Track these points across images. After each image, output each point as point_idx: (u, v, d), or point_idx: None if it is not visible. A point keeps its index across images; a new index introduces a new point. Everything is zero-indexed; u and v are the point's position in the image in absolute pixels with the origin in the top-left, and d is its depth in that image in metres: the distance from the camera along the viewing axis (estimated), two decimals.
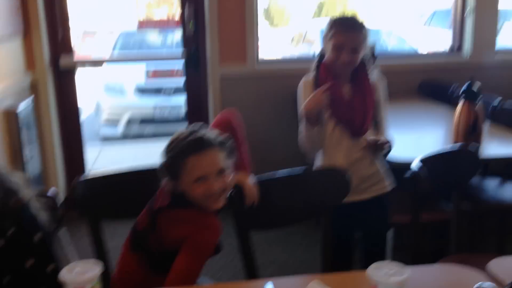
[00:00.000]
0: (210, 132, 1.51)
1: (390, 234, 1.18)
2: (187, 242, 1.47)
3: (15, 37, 3.12)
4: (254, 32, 3.53)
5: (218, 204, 1.50)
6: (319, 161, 2.14)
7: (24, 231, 1.34)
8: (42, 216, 1.40)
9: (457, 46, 3.91)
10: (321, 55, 2.11)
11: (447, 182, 2.01)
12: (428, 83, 3.71)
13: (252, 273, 1.74)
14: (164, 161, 1.49)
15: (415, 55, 4.06)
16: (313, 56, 2.49)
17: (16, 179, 1.39)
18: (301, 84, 2.16)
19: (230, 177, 1.53)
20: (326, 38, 2.04)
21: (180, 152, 1.45)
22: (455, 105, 2.49)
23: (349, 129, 2.04)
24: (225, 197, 1.51)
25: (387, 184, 2.14)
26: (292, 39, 6.95)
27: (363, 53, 2.03)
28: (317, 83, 2.06)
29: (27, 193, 1.38)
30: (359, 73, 2.06)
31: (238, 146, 1.69)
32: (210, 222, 1.51)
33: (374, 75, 2.11)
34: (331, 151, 2.09)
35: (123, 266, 1.62)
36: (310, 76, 2.13)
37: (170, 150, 1.48)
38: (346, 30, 1.99)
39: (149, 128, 5.97)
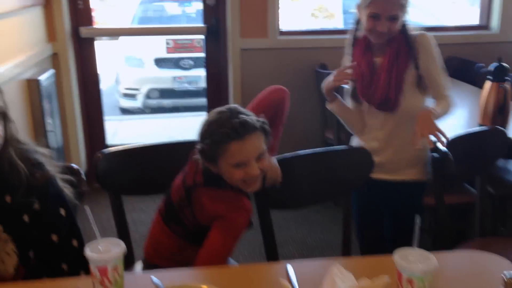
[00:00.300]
0: (250, 115, 1.47)
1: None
2: (221, 221, 1.48)
3: (35, 7, 3.10)
4: (275, 3, 3.47)
5: (255, 187, 1.50)
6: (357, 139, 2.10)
7: (49, 206, 1.35)
8: (67, 191, 1.40)
9: (485, 23, 3.80)
10: (356, 25, 2.03)
11: (472, 164, 1.98)
12: (453, 60, 3.63)
13: (271, 251, 1.73)
14: (204, 145, 1.45)
15: (441, 29, 3.94)
16: (335, 28, 2.45)
17: (41, 152, 1.39)
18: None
19: (267, 160, 1.51)
20: (360, 7, 1.92)
21: (223, 136, 1.41)
22: (480, 84, 2.43)
23: (373, 104, 1.97)
24: (261, 179, 1.50)
25: (425, 171, 2.03)
26: (312, 13, 6.83)
27: (402, 19, 1.91)
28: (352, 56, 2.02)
29: (52, 167, 1.38)
30: (394, 41, 1.93)
31: (277, 128, 1.67)
32: (243, 203, 1.51)
33: (417, 36, 1.95)
34: (368, 127, 2.04)
35: (156, 235, 1.63)
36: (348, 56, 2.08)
37: (210, 134, 1.44)
38: None
39: (168, 101, 5.97)
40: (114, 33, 4.33)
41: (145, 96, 5.96)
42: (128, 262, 1.65)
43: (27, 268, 1.34)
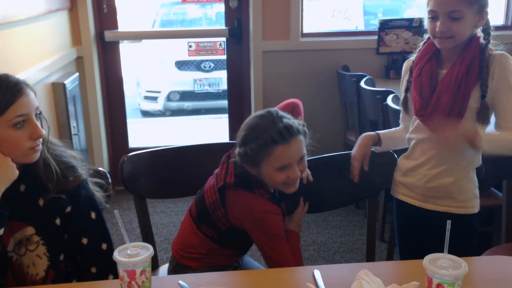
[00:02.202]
0: (291, 118, 1.51)
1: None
2: (260, 230, 1.51)
3: (61, 12, 3.15)
4: (298, 5, 3.46)
5: (294, 188, 1.52)
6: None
7: (81, 210, 1.36)
8: (97, 194, 1.42)
9: (510, 23, 3.74)
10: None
11: (499, 168, 1.94)
12: None
13: None
14: (247, 149, 1.46)
15: None
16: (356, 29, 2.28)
17: (73, 155, 1.41)
18: (405, 62, 1.81)
19: (306, 162, 1.54)
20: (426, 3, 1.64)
21: (269, 141, 1.43)
22: None
23: (428, 126, 1.66)
24: (298, 184, 1.53)
25: (468, 205, 1.70)
26: (333, 14, 6.80)
27: (474, 22, 1.58)
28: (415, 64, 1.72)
29: (84, 170, 1.39)
30: (468, 54, 1.59)
31: None
32: (273, 207, 1.52)
33: (495, 56, 1.59)
34: (411, 140, 1.75)
35: (186, 237, 1.64)
36: (413, 55, 1.77)
37: (255, 138, 1.45)
38: None
39: (188, 103, 6.00)
40: (138, 37, 4.37)
41: (166, 99, 6.00)
42: (152, 265, 1.67)
43: (57, 271, 1.36)
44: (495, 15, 3.92)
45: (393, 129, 1.87)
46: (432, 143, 1.67)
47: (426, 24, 1.63)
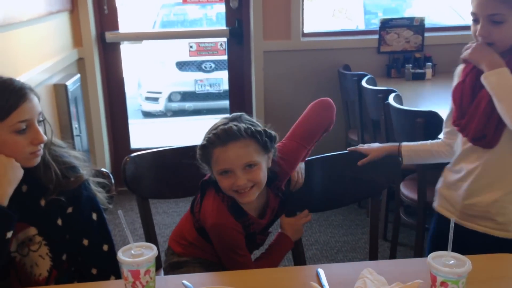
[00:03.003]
0: (248, 122, 1.43)
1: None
2: (215, 237, 1.47)
3: (62, 13, 3.16)
4: (299, 5, 3.47)
5: (247, 199, 1.43)
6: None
7: (82, 211, 1.37)
8: (99, 195, 1.42)
9: None
10: None
11: None
12: None
13: (299, 253, 1.73)
14: (198, 149, 1.45)
15: (467, 28, 3.88)
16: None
17: (75, 156, 1.41)
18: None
19: (263, 172, 1.43)
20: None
21: (208, 142, 1.40)
22: None
23: (465, 134, 1.58)
24: (256, 192, 1.43)
25: (510, 228, 1.57)
26: (333, 14, 6.79)
27: None
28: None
29: (86, 170, 1.40)
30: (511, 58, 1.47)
31: (315, 143, 1.65)
32: (227, 220, 1.45)
33: None
34: (457, 152, 1.65)
35: (183, 219, 1.63)
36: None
37: (204, 138, 1.44)
38: None
39: (189, 104, 6.00)
40: (138, 37, 4.37)
41: (167, 99, 6.01)
42: (156, 265, 1.66)
43: (60, 271, 1.36)
44: None
45: (427, 142, 1.79)
46: (476, 156, 1.57)
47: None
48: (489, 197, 1.56)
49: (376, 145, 1.77)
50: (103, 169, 1.62)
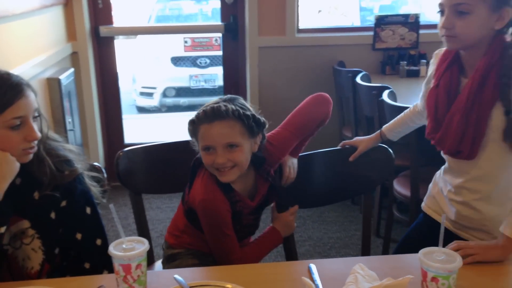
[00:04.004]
0: (239, 105, 1.46)
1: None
2: (203, 215, 1.47)
3: (56, 7, 3.14)
4: (294, 0, 3.46)
5: (226, 178, 1.45)
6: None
7: (76, 204, 1.36)
8: (93, 189, 1.41)
9: None
10: None
11: None
12: None
13: (291, 249, 1.73)
14: (188, 123, 1.49)
15: None
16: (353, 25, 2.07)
17: (70, 149, 1.40)
18: (434, 53, 1.57)
19: (245, 154, 1.45)
20: None
21: (196, 118, 1.45)
22: None
23: (441, 148, 1.49)
24: (236, 173, 1.45)
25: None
26: (329, 11, 6.79)
27: (489, 22, 1.33)
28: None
29: (81, 164, 1.39)
30: (486, 59, 1.35)
31: (308, 137, 1.67)
32: (214, 195, 1.46)
33: None
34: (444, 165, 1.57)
35: (177, 213, 1.64)
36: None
37: (195, 115, 1.49)
38: None
39: (184, 99, 5.99)
40: (133, 32, 4.36)
41: (162, 95, 5.99)
42: (148, 260, 1.67)
43: (52, 265, 1.36)
44: None
45: (401, 114, 1.76)
46: (460, 168, 1.48)
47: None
48: (484, 211, 1.46)
49: (361, 138, 1.78)
50: (95, 163, 1.61)
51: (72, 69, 3.23)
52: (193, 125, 1.46)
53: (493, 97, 1.34)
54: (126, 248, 1.11)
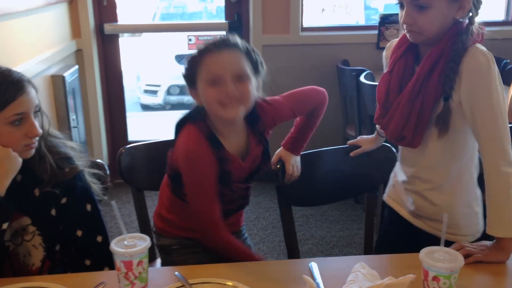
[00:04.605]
0: (241, 40, 1.39)
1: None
2: (186, 169, 1.39)
3: (61, 4, 3.14)
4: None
5: (232, 112, 1.35)
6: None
7: (76, 201, 1.36)
8: (94, 186, 1.42)
9: (510, 19, 3.74)
10: None
11: None
12: None
13: (293, 247, 1.73)
14: (185, 64, 1.40)
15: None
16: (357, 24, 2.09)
17: (71, 146, 1.40)
18: (388, 44, 1.58)
19: (252, 89, 1.37)
20: None
21: (200, 50, 1.36)
22: (507, 81, 2.38)
23: (386, 134, 1.50)
24: (242, 109, 1.36)
25: (459, 233, 1.43)
26: (333, 9, 6.78)
27: (450, 12, 1.31)
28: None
29: (81, 161, 1.39)
30: (436, 49, 1.33)
31: (308, 132, 1.65)
32: (200, 148, 1.37)
33: (465, 54, 1.30)
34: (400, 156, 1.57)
35: (162, 189, 1.61)
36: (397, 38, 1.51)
37: (197, 49, 1.39)
38: None
39: (188, 97, 5.99)
40: (137, 30, 4.37)
41: (166, 92, 6.00)
42: (150, 257, 1.67)
43: (53, 262, 1.36)
44: (495, 11, 3.91)
45: None
46: (410, 157, 1.48)
47: None
48: (436, 200, 1.44)
49: (366, 137, 1.76)
50: (98, 160, 1.61)
51: (76, 67, 3.24)
52: (194, 60, 1.36)
53: (438, 85, 1.32)
54: (128, 244, 1.12)
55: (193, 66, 1.37)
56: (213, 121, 1.43)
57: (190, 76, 1.40)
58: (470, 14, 1.33)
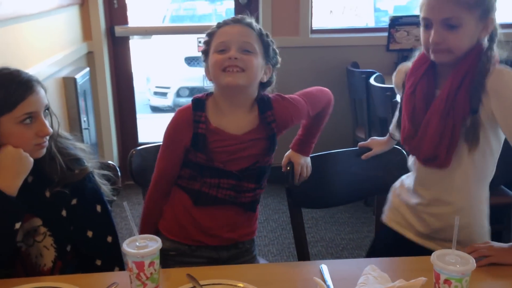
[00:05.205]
0: (257, 23, 1.50)
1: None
2: None
3: (72, 7, 3.17)
4: (308, 1, 3.46)
5: (232, 78, 1.39)
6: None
7: (86, 202, 1.37)
8: (104, 187, 1.43)
9: None
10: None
11: (509, 166, 1.93)
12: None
13: (303, 249, 1.73)
14: (203, 38, 1.49)
15: None
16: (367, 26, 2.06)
17: (81, 148, 1.42)
18: (397, 69, 1.61)
19: (257, 65, 1.44)
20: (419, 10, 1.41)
21: (218, 24, 1.47)
22: None
23: (416, 155, 1.48)
24: (243, 77, 1.41)
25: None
26: (342, 11, 6.77)
27: (477, 31, 1.33)
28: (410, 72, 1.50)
29: (91, 163, 1.40)
30: (462, 67, 1.35)
31: (315, 132, 1.67)
32: (181, 114, 1.50)
33: (491, 73, 1.33)
34: (413, 172, 1.54)
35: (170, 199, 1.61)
36: (409, 62, 1.54)
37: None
38: None
39: None
40: (148, 32, 4.39)
41: (176, 94, 6.02)
42: (161, 258, 1.67)
43: (64, 262, 1.37)
44: (507, 12, 3.88)
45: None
46: (431, 179, 1.46)
47: (421, 37, 1.41)
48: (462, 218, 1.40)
49: (377, 140, 1.76)
50: (109, 162, 1.62)
51: (87, 69, 3.26)
52: (211, 34, 1.46)
53: (466, 101, 1.34)
54: (140, 245, 1.12)
55: (209, 39, 1.47)
56: (217, 97, 1.49)
57: (206, 50, 1.48)
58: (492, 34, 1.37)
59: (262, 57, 1.47)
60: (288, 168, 1.67)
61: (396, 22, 3.54)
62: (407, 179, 1.58)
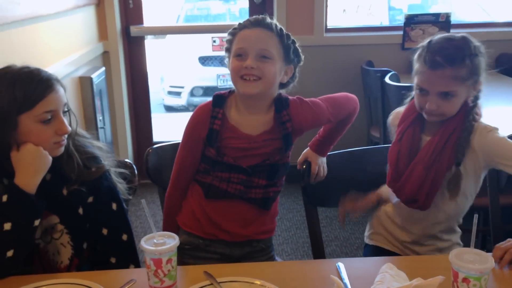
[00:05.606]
0: (277, 24, 1.48)
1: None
2: None
3: (88, 7, 3.20)
4: (323, 0, 3.45)
5: (249, 89, 1.42)
6: None
7: (102, 200, 1.39)
8: (120, 185, 1.44)
9: None
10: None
11: None
12: (504, 57, 3.51)
13: (318, 248, 1.73)
14: (227, 34, 1.49)
15: (491, 25, 3.83)
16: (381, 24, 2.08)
17: (98, 146, 1.43)
18: (392, 112, 1.71)
19: (275, 71, 1.44)
20: (413, 74, 1.52)
21: (238, 25, 1.46)
22: None
23: (399, 196, 1.57)
24: (260, 86, 1.42)
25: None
26: (356, 10, 6.74)
27: (468, 95, 1.46)
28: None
29: (108, 161, 1.42)
30: (451, 124, 1.47)
31: (336, 137, 1.67)
32: (203, 108, 1.53)
33: (481, 135, 1.46)
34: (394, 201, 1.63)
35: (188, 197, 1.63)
36: (402, 107, 1.65)
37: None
38: (432, 66, 1.41)
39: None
40: (162, 32, 4.42)
41: (190, 94, 6.04)
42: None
43: (81, 260, 1.38)
44: (509, 12, 3.84)
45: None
46: (418, 217, 1.57)
47: (414, 96, 1.51)
48: (448, 237, 1.61)
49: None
50: (126, 160, 1.63)
51: (103, 68, 3.29)
52: (232, 34, 1.46)
53: (451, 155, 1.46)
54: (157, 242, 1.14)
55: (230, 40, 1.48)
56: (237, 95, 1.51)
57: (228, 48, 1.49)
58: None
59: (282, 59, 1.46)
60: (304, 166, 1.67)
61: (412, 20, 3.52)
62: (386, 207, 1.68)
